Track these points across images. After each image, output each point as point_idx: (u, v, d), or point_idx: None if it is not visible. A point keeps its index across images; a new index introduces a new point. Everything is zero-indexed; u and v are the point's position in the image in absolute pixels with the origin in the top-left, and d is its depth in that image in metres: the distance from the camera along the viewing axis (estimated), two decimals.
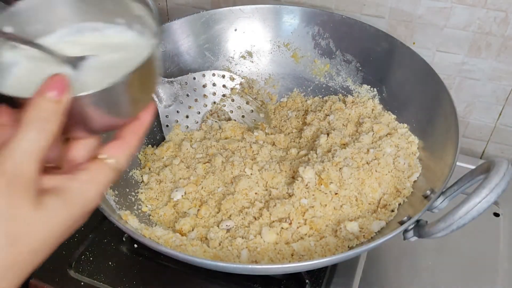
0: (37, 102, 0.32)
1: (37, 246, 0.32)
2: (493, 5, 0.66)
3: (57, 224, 0.33)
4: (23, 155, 0.31)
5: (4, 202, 0.30)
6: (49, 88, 0.33)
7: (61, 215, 0.33)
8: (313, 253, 0.53)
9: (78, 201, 0.34)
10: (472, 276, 0.61)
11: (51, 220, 0.32)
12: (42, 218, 0.32)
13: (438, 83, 0.61)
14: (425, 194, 0.54)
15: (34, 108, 0.32)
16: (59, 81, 0.33)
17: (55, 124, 0.33)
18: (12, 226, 0.31)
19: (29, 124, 0.32)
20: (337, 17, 0.71)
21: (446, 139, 0.57)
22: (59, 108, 0.33)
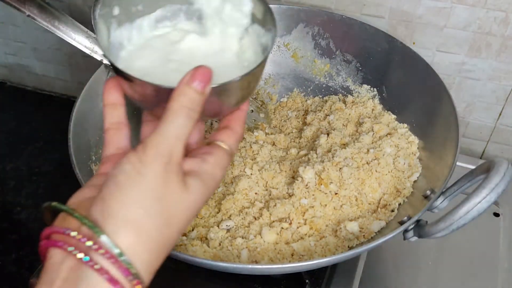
0: (184, 91, 0.35)
1: (183, 226, 0.34)
2: (493, 5, 0.66)
3: (198, 204, 0.35)
4: (175, 140, 0.34)
5: (160, 182, 0.32)
6: (195, 79, 0.35)
7: (200, 196, 0.35)
8: (313, 253, 0.53)
9: (211, 183, 0.37)
10: (472, 276, 0.61)
11: (194, 201, 0.35)
12: (188, 200, 0.34)
13: (438, 83, 0.61)
14: (425, 194, 0.54)
15: (181, 97, 0.35)
16: (204, 73, 0.35)
17: (198, 112, 0.35)
18: (168, 208, 0.33)
19: (178, 111, 0.34)
20: (337, 17, 0.71)
21: (446, 139, 0.57)
22: (202, 98, 0.35)
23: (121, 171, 0.33)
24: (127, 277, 0.30)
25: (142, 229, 0.32)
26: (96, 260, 0.30)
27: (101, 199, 0.32)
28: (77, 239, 0.31)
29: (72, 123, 0.57)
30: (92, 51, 0.59)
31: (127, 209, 0.31)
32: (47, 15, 0.54)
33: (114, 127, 0.41)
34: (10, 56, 1.00)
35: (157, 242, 0.32)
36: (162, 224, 0.32)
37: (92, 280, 0.30)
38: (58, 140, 0.92)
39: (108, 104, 0.41)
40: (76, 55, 0.94)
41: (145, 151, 0.33)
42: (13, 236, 0.72)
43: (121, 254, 0.30)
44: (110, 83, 0.41)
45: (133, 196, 0.32)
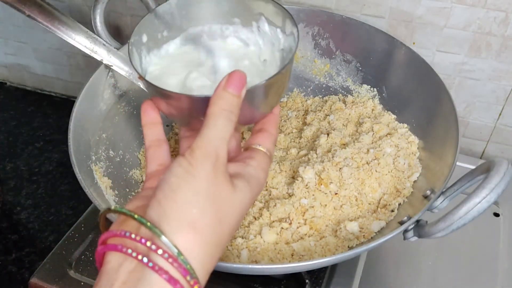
0: (222, 95, 0.37)
1: (234, 225, 0.36)
2: (493, 5, 0.66)
3: (246, 205, 0.37)
4: (219, 140, 0.35)
5: (211, 183, 0.34)
6: (231, 83, 0.37)
7: (247, 197, 0.37)
8: (313, 253, 0.53)
9: (256, 185, 0.38)
10: (472, 276, 0.61)
11: (243, 201, 0.36)
12: (236, 200, 0.36)
13: (438, 83, 0.61)
14: (425, 194, 0.54)
15: (221, 101, 0.37)
16: (239, 77, 0.38)
17: (236, 115, 0.37)
18: (220, 206, 0.34)
19: (218, 114, 0.36)
20: (337, 17, 0.71)
21: (446, 139, 0.57)
22: (239, 101, 0.37)
23: (173, 174, 0.34)
24: (185, 276, 0.31)
25: (197, 229, 0.32)
26: (155, 261, 0.31)
27: (157, 201, 0.33)
28: (137, 241, 0.32)
29: (72, 123, 0.57)
30: (92, 51, 0.59)
31: (182, 209, 0.32)
32: (47, 15, 0.55)
33: (154, 144, 0.43)
34: (10, 56, 1.00)
35: (212, 241, 0.33)
36: (215, 223, 0.33)
37: (152, 281, 0.31)
38: (58, 140, 0.92)
39: (147, 124, 0.44)
40: (76, 55, 0.94)
41: (192, 154, 0.34)
42: (13, 236, 0.72)
43: (179, 254, 0.31)
44: (146, 105, 0.44)
45: (186, 197, 0.33)
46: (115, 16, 0.87)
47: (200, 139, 0.35)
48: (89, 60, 0.93)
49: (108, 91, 0.64)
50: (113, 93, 0.64)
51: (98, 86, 0.62)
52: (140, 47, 0.48)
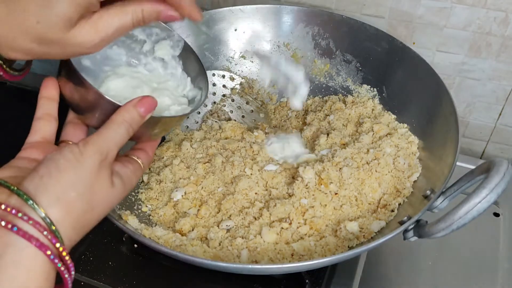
0: (131, 111, 0.42)
1: (102, 214, 0.40)
2: (493, 5, 0.66)
3: (117, 200, 0.42)
4: (113, 145, 0.40)
5: (94, 175, 0.38)
6: (143, 105, 0.43)
7: (120, 194, 0.42)
8: (313, 253, 0.53)
9: (128, 185, 0.43)
10: (472, 276, 0.61)
11: (116, 196, 0.41)
12: (111, 194, 0.41)
13: (438, 83, 0.61)
14: (425, 194, 0.54)
15: (127, 114, 0.42)
16: (150, 103, 0.43)
17: (134, 130, 0.43)
18: (95, 196, 0.39)
19: (121, 123, 0.42)
20: (337, 17, 0.71)
21: (446, 139, 0.57)
22: (141, 121, 0.43)
23: (62, 156, 0.38)
24: (55, 244, 0.35)
25: (71, 209, 0.37)
26: (25, 229, 0.34)
27: (39, 176, 0.37)
28: (6, 211, 0.35)
29: None
30: None
31: (63, 189, 0.36)
32: None
33: (45, 118, 0.46)
34: None
35: (81, 223, 0.38)
36: (87, 208, 0.38)
37: (20, 246, 0.34)
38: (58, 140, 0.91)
39: (44, 97, 0.48)
40: None
41: (86, 146, 0.39)
42: None
43: (51, 223, 0.35)
44: (49, 80, 0.48)
45: (69, 180, 0.37)
46: None
47: (97, 136, 0.40)
48: None
49: None
50: None
51: None
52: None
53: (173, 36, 0.54)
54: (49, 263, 0.35)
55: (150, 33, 0.54)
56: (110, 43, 0.41)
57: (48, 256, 0.34)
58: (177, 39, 0.55)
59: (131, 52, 0.55)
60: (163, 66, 0.55)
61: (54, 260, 0.35)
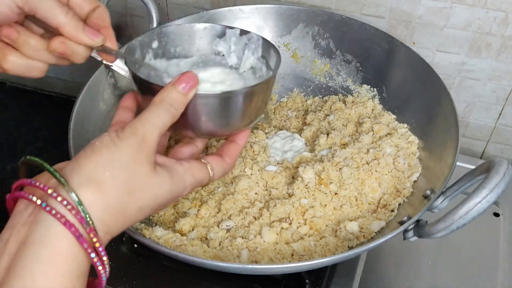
0: (170, 90, 0.41)
1: (144, 203, 0.38)
2: (493, 5, 0.66)
3: (162, 192, 0.39)
4: (151, 126, 0.39)
5: (131, 157, 0.37)
6: (181, 81, 0.41)
7: (166, 187, 0.39)
8: (313, 253, 0.53)
9: (178, 182, 0.41)
10: (472, 276, 0.61)
11: (159, 187, 0.39)
12: (154, 182, 0.38)
13: (438, 83, 0.61)
14: (425, 194, 0.54)
15: (166, 93, 0.40)
16: (190, 78, 0.41)
17: (178, 111, 0.41)
18: (132, 178, 0.37)
19: (159, 104, 0.40)
20: (337, 17, 0.71)
21: (446, 139, 0.57)
22: (184, 99, 0.41)
23: (99, 140, 0.37)
24: (82, 223, 0.34)
25: (104, 189, 0.35)
26: (53, 205, 0.33)
27: (76, 159, 0.37)
28: (40, 188, 0.34)
29: (72, 123, 0.57)
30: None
31: (96, 169, 0.35)
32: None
33: (118, 124, 0.45)
34: None
35: (116, 205, 0.36)
36: (124, 191, 0.36)
37: (48, 223, 0.33)
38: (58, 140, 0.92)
39: (122, 107, 0.47)
40: None
41: (123, 129, 0.38)
42: None
43: (80, 203, 0.34)
44: (130, 94, 0.48)
45: (104, 160, 0.36)
46: (115, 16, 0.87)
47: (135, 120, 0.39)
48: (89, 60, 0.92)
49: (108, 91, 0.64)
50: (113, 93, 0.64)
51: (98, 86, 0.62)
52: (147, 49, 0.51)
53: (252, 38, 0.54)
54: (77, 244, 0.33)
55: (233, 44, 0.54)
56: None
57: (73, 233, 0.33)
58: (256, 38, 0.53)
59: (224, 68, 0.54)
60: (253, 72, 0.55)
61: (80, 240, 0.33)
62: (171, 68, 0.52)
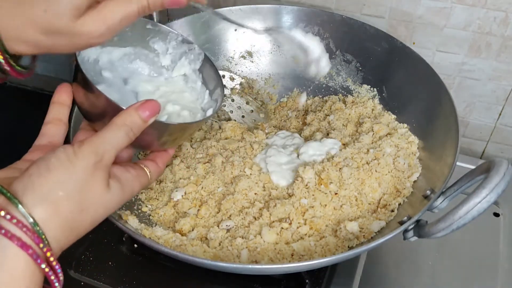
0: (132, 114, 0.41)
1: (96, 218, 0.39)
2: (493, 5, 0.66)
3: (114, 204, 0.41)
4: (110, 147, 0.39)
5: (87, 177, 0.37)
6: (145, 108, 0.42)
7: (117, 198, 0.41)
8: (313, 253, 0.53)
9: (128, 190, 0.42)
10: (472, 276, 0.61)
11: (111, 200, 0.40)
12: (106, 198, 0.39)
13: (438, 83, 0.61)
14: (425, 194, 0.54)
15: (128, 117, 0.41)
16: (154, 107, 0.42)
17: (135, 134, 0.42)
18: (87, 197, 0.37)
19: (121, 127, 0.41)
20: (337, 17, 0.71)
21: (446, 139, 0.57)
22: (143, 125, 0.42)
23: (54, 156, 0.37)
24: (38, 244, 0.34)
25: (58, 208, 0.36)
26: (7, 228, 0.33)
27: (28, 175, 0.36)
28: None
29: (72, 123, 0.57)
30: None
31: (50, 188, 0.36)
32: None
33: (54, 122, 0.46)
34: None
35: (69, 224, 0.37)
36: (77, 210, 0.37)
37: (4, 246, 0.33)
38: None
39: (56, 102, 0.47)
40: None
41: (81, 147, 0.38)
42: None
43: (35, 224, 0.34)
44: (63, 86, 0.47)
45: (59, 179, 0.36)
46: None
47: (94, 138, 0.39)
48: None
49: None
50: None
51: None
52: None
53: (193, 50, 0.55)
54: (33, 264, 0.34)
55: (171, 47, 0.56)
56: (116, 34, 0.40)
57: (31, 255, 0.33)
58: (198, 52, 0.55)
59: (153, 66, 0.56)
60: (184, 80, 0.56)
61: (37, 261, 0.34)
62: (103, 55, 0.52)
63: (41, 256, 0.34)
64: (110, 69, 0.52)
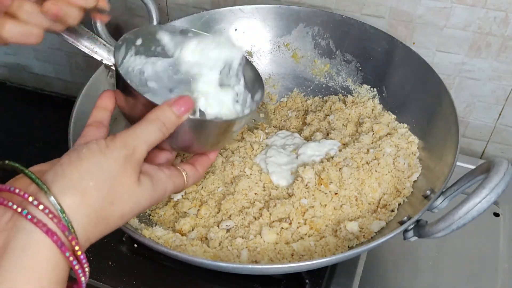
0: (165, 109, 0.41)
1: (126, 212, 0.39)
2: (493, 5, 0.66)
3: (144, 200, 0.40)
4: (142, 141, 0.40)
5: (118, 168, 0.37)
6: (178, 104, 0.42)
7: (148, 194, 0.40)
8: (313, 253, 0.53)
9: (160, 189, 0.42)
10: (472, 276, 0.61)
11: (140, 195, 0.39)
12: (135, 192, 0.39)
13: (438, 83, 0.61)
14: (425, 194, 0.54)
15: (161, 112, 0.41)
16: (187, 102, 0.42)
17: (169, 131, 0.42)
18: (116, 189, 0.37)
19: (153, 121, 0.41)
20: (337, 17, 0.71)
21: (446, 139, 0.57)
22: (177, 121, 0.42)
23: (86, 147, 0.37)
24: (64, 232, 0.34)
25: (87, 197, 0.35)
26: (35, 214, 0.33)
27: (60, 164, 0.36)
28: (20, 195, 0.34)
29: (72, 123, 0.57)
30: (92, 51, 0.59)
31: (80, 176, 0.36)
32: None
33: (95, 125, 0.45)
34: (10, 56, 1.00)
35: (98, 213, 0.36)
36: (107, 200, 0.37)
37: (30, 231, 0.33)
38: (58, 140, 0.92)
39: (99, 107, 0.47)
40: (76, 55, 0.94)
41: (113, 140, 0.38)
42: None
43: (62, 211, 0.34)
44: (108, 92, 0.47)
45: (89, 168, 0.36)
46: (115, 16, 0.87)
47: (126, 132, 0.39)
48: (89, 60, 0.93)
49: None
50: None
51: (98, 86, 0.62)
52: (131, 46, 0.50)
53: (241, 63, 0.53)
54: (58, 252, 0.34)
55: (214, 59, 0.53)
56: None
57: (55, 242, 0.33)
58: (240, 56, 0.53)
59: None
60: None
61: (62, 248, 0.33)
62: (147, 66, 0.52)
63: (66, 244, 0.34)
64: (156, 79, 0.52)
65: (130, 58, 0.51)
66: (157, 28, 0.52)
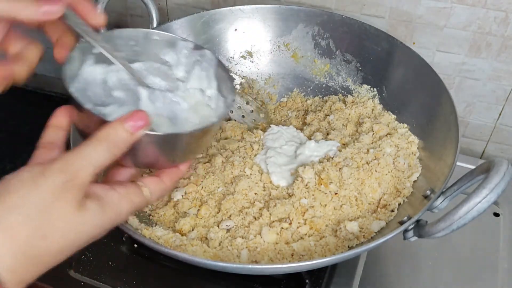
0: (116, 127, 0.37)
1: (66, 244, 0.34)
2: (493, 5, 0.66)
3: (90, 228, 0.36)
4: (87, 163, 0.35)
5: (51, 198, 0.33)
6: (131, 119, 0.37)
7: (96, 220, 0.36)
8: (313, 253, 0.53)
9: (112, 211, 0.37)
10: (472, 276, 0.61)
11: (85, 223, 0.35)
12: (77, 221, 0.35)
13: (438, 83, 0.61)
14: (425, 194, 0.54)
15: (111, 130, 0.37)
16: (141, 117, 0.38)
17: (121, 150, 0.37)
18: (50, 221, 0.33)
19: (102, 141, 0.36)
20: (337, 17, 0.71)
21: (446, 139, 0.57)
22: (130, 139, 0.37)
23: (16, 177, 0.34)
24: None
25: (13, 235, 0.32)
26: None
27: None
28: None
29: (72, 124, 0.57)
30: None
31: (6, 213, 0.32)
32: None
33: (47, 146, 0.41)
34: None
35: (27, 252, 0.32)
36: (37, 236, 0.33)
37: None
38: None
39: (52, 126, 0.42)
40: None
41: (51, 164, 0.34)
42: None
43: None
44: (62, 109, 0.43)
45: (18, 203, 0.32)
46: (115, 16, 0.87)
47: (70, 153, 0.35)
48: None
49: None
50: None
51: None
52: (88, 55, 0.46)
53: (205, 56, 0.51)
54: None
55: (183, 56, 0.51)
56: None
57: None
58: (210, 58, 0.51)
59: (168, 80, 0.51)
60: (200, 91, 0.52)
61: None
62: (111, 74, 0.47)
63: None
64: (122, 88, 0.47)
65: (89, 68, 0.47)
66: (118, 33, 0.48)
